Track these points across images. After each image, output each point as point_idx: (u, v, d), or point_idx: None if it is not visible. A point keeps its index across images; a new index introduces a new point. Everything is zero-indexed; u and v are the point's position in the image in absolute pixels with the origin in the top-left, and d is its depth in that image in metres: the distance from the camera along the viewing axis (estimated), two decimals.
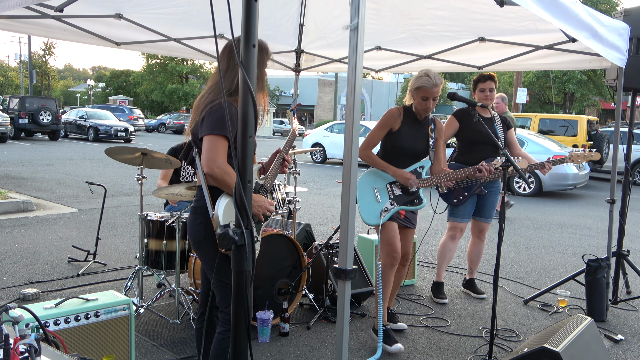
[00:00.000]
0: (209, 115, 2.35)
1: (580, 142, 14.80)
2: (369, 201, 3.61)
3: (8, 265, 5.22)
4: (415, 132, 3.65)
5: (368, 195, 3.62)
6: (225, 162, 2.32)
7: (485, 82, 4.54)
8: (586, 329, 2.97)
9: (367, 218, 3.59)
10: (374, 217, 3.58)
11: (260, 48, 2.50)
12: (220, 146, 2.31)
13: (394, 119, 3.62)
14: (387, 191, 3.65)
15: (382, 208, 3.58)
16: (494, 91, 4.55)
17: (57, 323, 2.76)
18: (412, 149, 3.65)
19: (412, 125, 3.65)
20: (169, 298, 4.42)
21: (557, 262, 6.30)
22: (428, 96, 3.54)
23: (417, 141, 3.66)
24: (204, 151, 2.33)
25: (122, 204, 8.84)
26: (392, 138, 3.64)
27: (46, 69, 56.13)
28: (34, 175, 11.78)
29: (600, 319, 4.32)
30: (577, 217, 9.51)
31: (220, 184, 2.35)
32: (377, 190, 3.64)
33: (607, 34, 3.86)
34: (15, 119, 22.23)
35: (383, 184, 3.66)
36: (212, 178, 2.34)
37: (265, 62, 2.55)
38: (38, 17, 4.32)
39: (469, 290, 4.90)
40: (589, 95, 32.82)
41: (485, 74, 4.57)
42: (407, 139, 3.63)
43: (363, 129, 17.55)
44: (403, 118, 3.63)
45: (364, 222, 3.63)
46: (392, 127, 3.62)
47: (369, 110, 56.38)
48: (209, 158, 2.29)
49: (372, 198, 3.61)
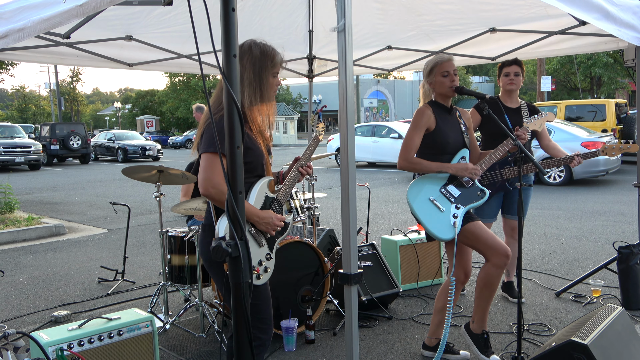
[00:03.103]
0: (206, 131, 2.28)
1: (610, 126, 14.42)
2: (433, 215, 3.18)
3: (41, 289, 5.34)
4: (451, 125, 3.38)
5: (428, 209, 3.20)
6: (221, 181, 2.20)
7: (510, 66, 4.32)
8: (617, 318, 2.87)
9: (440, 233, 3.15)
10: (447, 228, 3.15)
11: (263, 53, 2.35)
12: (217, 164, 2.21)
13: (427, 117, 3.30)
14: (444, 197, 3.24)
15: (450, 215, 3.18)
16: (519, 75, 4.31)
17: (81, 344, 2.81)
18: (456, 142, 3.35)
19: (445, 118, 3.37)
20: (195, 312, 4.45)
21: (590, 251, 6.13)
22: (448, 70, 3.31)
23: (456, 133, 3.37)
24: (200, 170, 2.23)
25: (150, 222, 8.97)
26: (433, 137, 3.31)
27: (74, 95, 57.68)
28: (66, 199, 12.08)
29: (636, 307, 4.17)
30: (610, 203, 9.24)
31: (218, 203, 2.26)
32: (435, 199, 3.23)
33: (620, 13, 3.74)
34: (47, 146, 22.94)
35: (436, 191, 3.26)
36: (209, 198, 2.25)
37: (268, 69, 2.37)
38: (51, 45, 4.44)
39: (507, 294, 4.64)
40: (617, 77, 31.94)
41: (511, 59, 4.41)
42: (450, 134, 3.33)
43: (387, 129, 17.51)
44: (435, 114, 3.34)
45: (441, 240, 3.19)
46: (428, 126, 3.30)
47: (393, 111, 56.10)
48: (204, 178, 2.21)
49: (434, 211, 3.20)
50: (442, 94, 3.37)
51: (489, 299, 3.31)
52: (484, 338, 3.39)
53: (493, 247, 3.18)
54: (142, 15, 4.29)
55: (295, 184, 2.64)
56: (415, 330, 4.01)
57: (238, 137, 1.47)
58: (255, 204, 2.37)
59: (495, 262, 3.18)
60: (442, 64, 3.33)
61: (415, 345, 3.75)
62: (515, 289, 4.64)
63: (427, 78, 3.40)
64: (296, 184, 2.66)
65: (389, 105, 56.55)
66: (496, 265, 3.18)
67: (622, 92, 35.54)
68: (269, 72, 2.37)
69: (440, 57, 3.37)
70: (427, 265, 4.98)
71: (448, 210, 3.19)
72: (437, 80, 3.34)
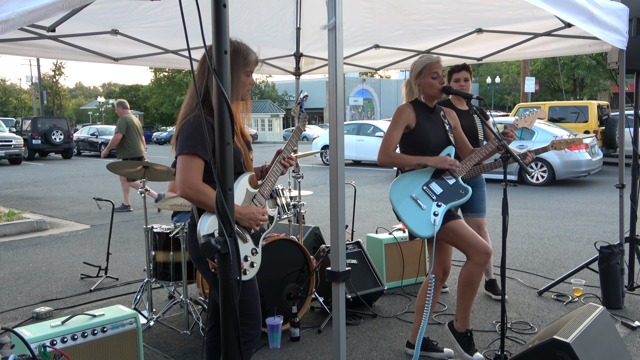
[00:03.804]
0: (181, 132, 2.26)
1: (592, 127, 14.62)
2: (413, 212, 3.17)
3: (22, 285, 5.27)
4: (433, 123, 3.38)
5: (409, 206, 3.19)
6: (199, 182, 2.22)
7: (460, 72, 4.40)
8: (598, 317, 2.91)
9: (419, 230, 3.14)
10: (427, 226, 3.14)
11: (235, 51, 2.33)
12: (193, 165, 2.21)
13: (407, 114, 3.30)
14: (426, 194, 3.22)
15: (431, 213, 3.16)
16: (469, 81, 4.40)
17: (64, 340, 2.78)
18: (437, 140, 3.34)
19: (426, 116, 3.38)
20: (179, 309, 4.43)
21: (572, 251, 6.21)
22: (437, 71, 3.31)
23: (438, 132, 3.37)
24: (177, 173, 2.22)
25: (134, 218, 8.89)
26: (414, 135, 3.32)
27: (57, 89, 56.91)
28: (47, 195, 11.92)
29: (617, 306, 4.24)
30: (592, 204, 9.38)
31: (197, 204, 2.26)
32: (416, 197, 3.21)
33: (605, 16, 3.80)
34: (28, 140, 22.58)
35: (418, 188, 3.24)
36: (188, 199, 2.23)
37: (240, 66, 2.35)
38: (35, 38, 4.37)
39: (490, 292, 4.69)
40: (599, 80, 32.41)
41: (460, 64, 4.47)
42: (431, 132, 3.32)
43: (372, 128, 17.56)
44: (416, 112, 3.35)
45: (420, 237, 3.19)
46: (408, 124, 3.30)
47: (379, 110, 56.25)
48: (181, 180, 2.19)
49: (414, 208, 3.18)
50: (430, 95, 3.38)
51: (471, 297, 3.34)
52: (467, 336, 3.42)
53: (474, 245, 3.20)
54: (128, 9, 4.25)
55: (279, 176, 2.63)
56: (400, 328, 4.03)
57: (228, 134, 1.46)
58: (237, 200, 2.35)
59: (476, 260, 3.20)
60: (432, 65, 3.33)
61: (399, 342, 3.77)
62: (498, 287, 4.69)
63: (416, 79, 3.38)
64: (279, 177, 2.65)
65: (375, 104, 56.69)
66: (477, 263, 3.21)
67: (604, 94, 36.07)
68: (241, 71, 2.36)
69: (429, 59, 3.37)
70: (412, 263, 5.01)
71: (429, 208, 3.18)
72: (426, 82, 3.34)
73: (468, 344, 3.41)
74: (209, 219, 2.22)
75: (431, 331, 3.93)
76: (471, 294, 3.32)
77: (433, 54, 5.50)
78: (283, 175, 2.69)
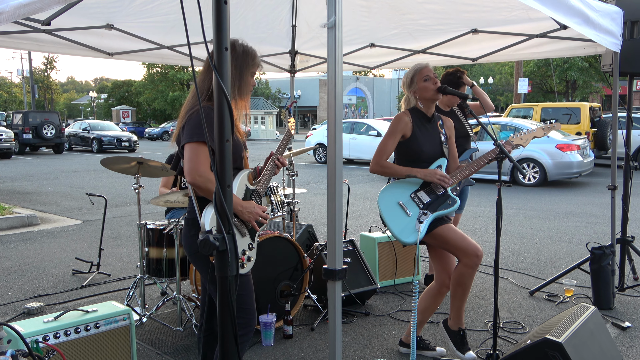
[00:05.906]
0: (188, 122, 2.32)
1: (584, 129, 14.70)
2: (398, 218, 3.20)
3: (13, 280, 5.23)
4: (429, 133, 3.38)
5: (395, 212, 3.22)
6: (207, 170, 2.26)
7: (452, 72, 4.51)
8: (590, 317, 2.94)
9: (403, 236, 3.16)
10: (410, 232, 3.16)
11: (245, 51, 2.48)
12: (202, 153, 2.26)
13: (404, 124, 3.31)
14: (413, 202, 3.25)
15: (416, 220, 3.19)
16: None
17: (57, 336, 2.76)
18: (432, 151, 3.35)
19: (423, 126, 3.37)
20: (172, 306, 4.41)
21: (563, 251, 6.25)
22: (428, 74, 3.32)
23: (434, 142, 3.37)
24: (186, 161, 2.28)
25: (126, 214, 8.86)
26: (408, 145, 3.33)
27: (48, 83, 56.41)
28: (38, 189, 11.84)
29: (607, 306, 4.28)
30: (583, 205, 9.44)
31: (205, 192, 2.30)
32: (403, 203, 3.24)
33: (600, 19, 3.82)
34: (19, 134, 22.41)
35: (406, 195, 3.27)
36: (196, 187, 2.29)
37: (249, 67, 2.49)
38: (29, 31, 4.33)
39: None
40: (592, 82, 32.60)
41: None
42: (426, 143, 3.33)
43: (365, 126, 17.58)
44: (413, 121, 3.34)
45: (404, 244, 3.20)
46: (404, 133, 3.31)
47: (372, 108, 56.32)
48: (191, 167, 2.25)
49: (400, 214, 3.21)
50: (427, 99, 3.36)
51: (462, 297, 3.37)
52: (460, 335, 3.44)
53: (463, 248, 3.21)
54: (123, 4, 4.22)
55: (272, 176, 2.74)
56: (392, 327, 4.04)
57: (227, 131, 1.46)
58: (237, 194, 2.43)
59: (466, 262, 3.22)
60: (422, 70, 3.35)
61: (392, 341, 3.78)
62: None
63: (410, 87, 3.39)
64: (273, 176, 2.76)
65: (368, 103, 56.77)
66: (467, 266, 3.22)
67: (595, 96, 36.31)
68: (249, 71, 2.51)
69: (417, 65, 3.39)
70: (405, 262, 5.02)
71: (414, 215, 3.21)
72: (420, 87, 3.34)
73: (461, 342, 3.43)
74: (212, 211, 2.26)
75: (424, 330, 3.95)
76: (462, 294, 3.35)
77: (428, 54, 5.52)
78: (275, 175, 2.80)
